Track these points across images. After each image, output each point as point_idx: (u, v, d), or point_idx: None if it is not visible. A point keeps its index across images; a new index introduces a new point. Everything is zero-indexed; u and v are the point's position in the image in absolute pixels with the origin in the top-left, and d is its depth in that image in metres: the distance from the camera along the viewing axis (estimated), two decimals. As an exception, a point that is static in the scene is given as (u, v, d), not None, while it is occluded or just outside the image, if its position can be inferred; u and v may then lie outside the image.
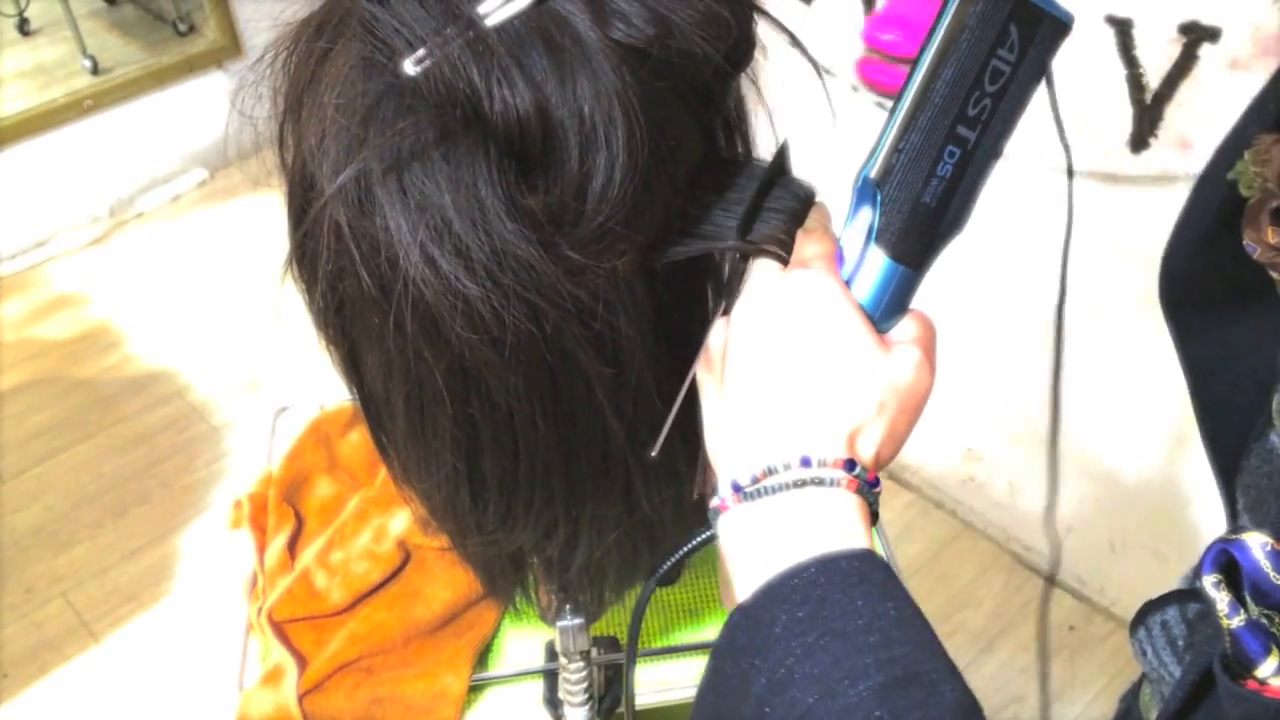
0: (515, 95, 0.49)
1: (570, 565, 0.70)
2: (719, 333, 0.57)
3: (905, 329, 0.57)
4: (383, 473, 1.05)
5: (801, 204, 0.60)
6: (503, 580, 0.77)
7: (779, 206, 0.59)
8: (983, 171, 0.56)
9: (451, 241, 0.49)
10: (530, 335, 0.52)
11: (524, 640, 0.98)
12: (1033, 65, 0.55)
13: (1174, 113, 1.38)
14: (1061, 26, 0.55)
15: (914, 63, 0.56)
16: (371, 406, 0.65)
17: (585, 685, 0.88)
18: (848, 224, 0.58)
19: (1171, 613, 0.70)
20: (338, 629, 0.94)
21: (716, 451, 0.56)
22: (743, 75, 0.61)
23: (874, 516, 0.53)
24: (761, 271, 0.57)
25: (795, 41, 0.64)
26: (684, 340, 0.62)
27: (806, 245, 0.57)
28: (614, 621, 0.98)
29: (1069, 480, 1.86)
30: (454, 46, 0.49)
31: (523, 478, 0.60)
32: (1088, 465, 1.80)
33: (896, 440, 0.55)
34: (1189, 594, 0.70)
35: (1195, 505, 1.80)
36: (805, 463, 0.51)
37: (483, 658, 0.96)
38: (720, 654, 0.51)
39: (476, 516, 0.64)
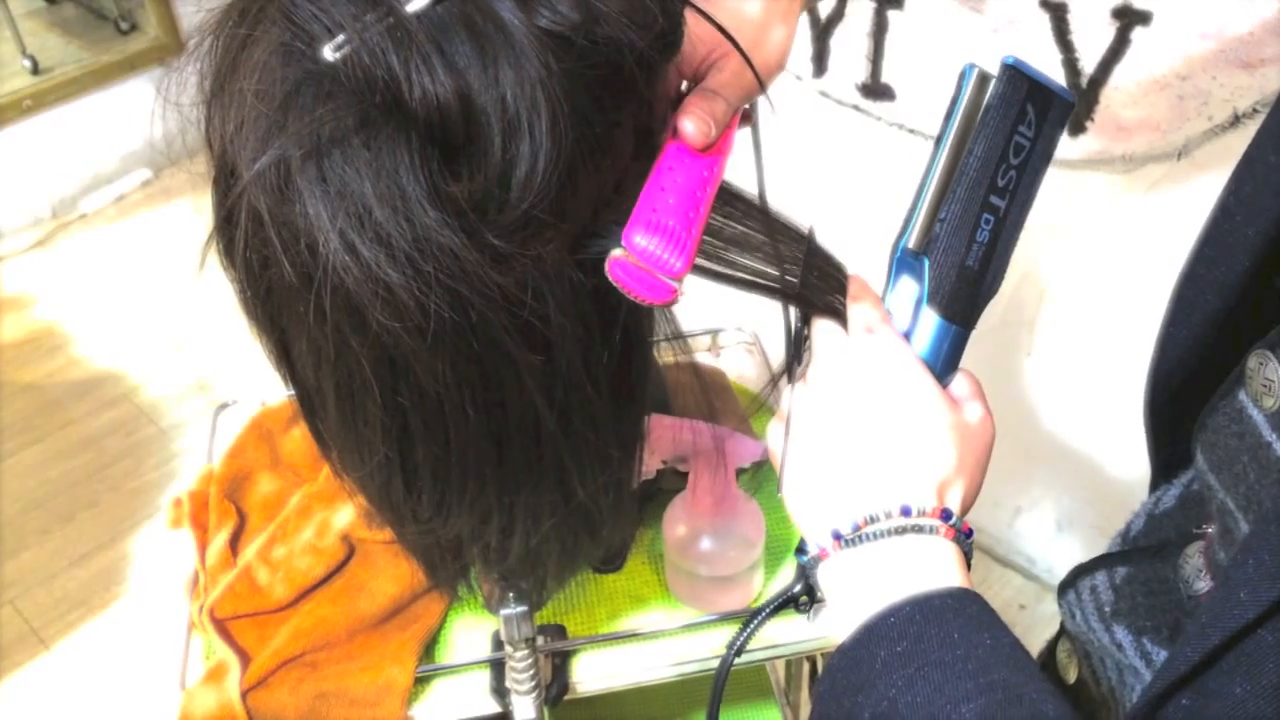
0: (435, 82, 0.49)
1: (508, 553, 0.70)
2: (800, 397, 0.62)
3: (961, 385, 0.62)
4: (326, 468, 1.04)
5: (840, 272, 0.65)
6: (443, 569, 0.77)
7: (822, 270, 0.64)
8: (1013, 235, 0.62)
9: (372, 229, 0.49)
10: (455, 323, 0.52)
11: (471, 631, 0.98)
12: (1047, 140, 0.62)
13: (1109, 96, 1.40)
14: (1069, 105, 0.62)
15: (936, 143, 0.62)
16: (304, 395, 0.65)
17: (532, 674, 0.88)
18: (890, 291, 0.64)
19: (1100, 577, 0.71)
20: (281, 625, 0.93)
21: (806, 505, 0.60)
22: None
23: (968, 564, 0.57)
24: (829, 339, 0.62)
25: (723, 33, 0.64)
26: (616, 327, 0.62)
27: (864, 312, 0.62)
28: (560, 609, 0.98)
29: (1017, 462, 1.89)
30: (373, 33, 0.49)
31: (455, 466, 0.60)
32: (1034, 446, 1.82)
33: (975, 489, 0.59)
34: (1117, 557, 0.71)
35: (1142, 484, 1.83)
36: (905, 512, 0.56)
37: (429, 650, 0.95)
38: (823, 698, 0.55)
39: (411, 505, 0.64)
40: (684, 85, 0.66)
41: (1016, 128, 0.60)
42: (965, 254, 0.61)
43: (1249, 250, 0.60)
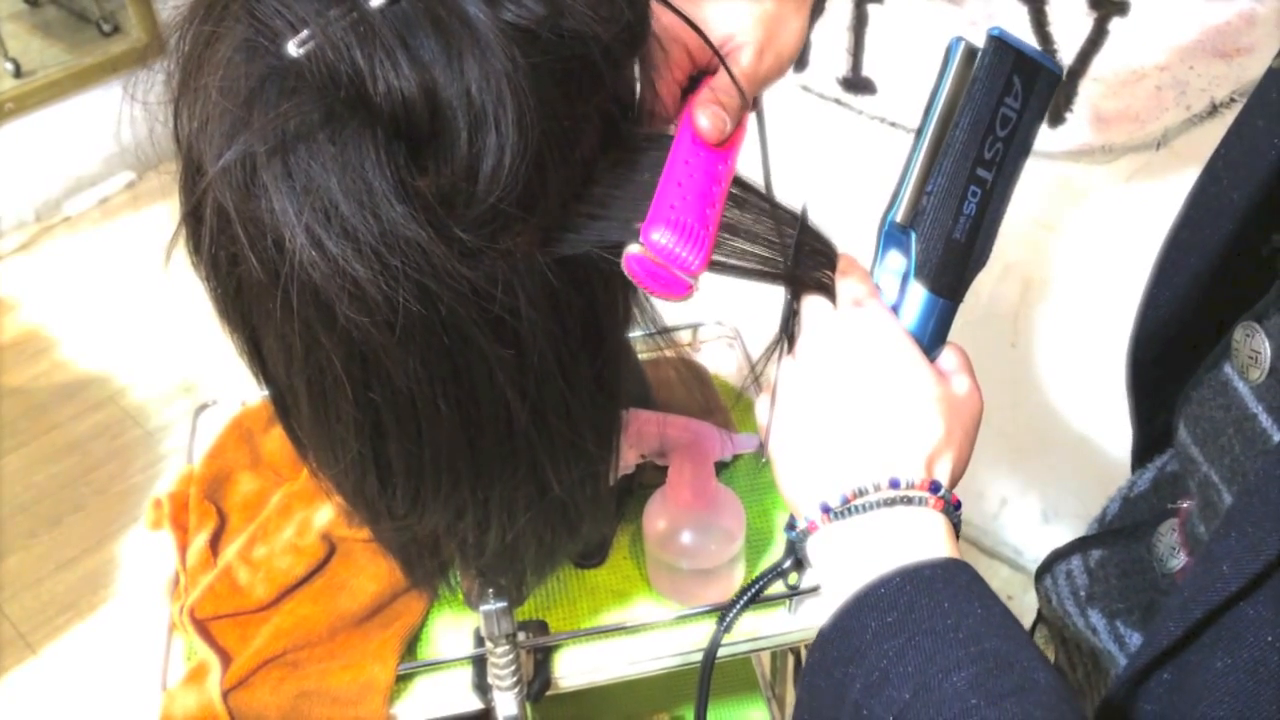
0: (400, 77, 0.49)
1: (485, 549, 0.70)
2: (788, 370, 0.62)
3: (949, 358, 0.62)
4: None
5: (831, 250, 0.65)
6: (420, 566, 0.77)
7: (813, 248, 0.64)
8: (1000, 208, 0.62)
9: (339, 224, 0.49)
10: (424, 318, 0.52)
11: (453, 628, 0.97)
12: (1034, 111, 0.61)
13: (1088, 87, 1.41)
14: (1055, 77, 0.62)
15: (924, 116, 0.61)
16: (277, 394, 0.65)
17: (513, 669, 0.88)
18: (878, 266, 0.63)
19: (1075, 561, 0.71)
20: (262, 624, 0.93)
21: (795, 479, 0.60)
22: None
23: (956, 535, 0.57)
24: (817, 312, 0.62)
25: (694, 28, 0.64)
26: (590, 322, 0.62)
27: (851, 286, 0.62)
28: (541, 605, 0.98)
29: (1003, 452, 1.89)
30: (337, 28, 0.49)
31: (428, 461, 0.60)
32: (1020, 437, 1.83)
33: (964, 461, 0.59)
34: (1092, 540, 0.71)
35: (1125, 474, 1.84)
36: (894, 484, 0.56)
37: (411, 647, 0.95)
38: (813, 670, 0.54)
39: (386, 501, 0.64)
40: (693, 72, 0.67)
41: (1003, 99, 0.60)
42: (952, 227, 0.61)
43: (1233, 215, 0.60)
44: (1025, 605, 1.96)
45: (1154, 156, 1.41)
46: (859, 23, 1.61)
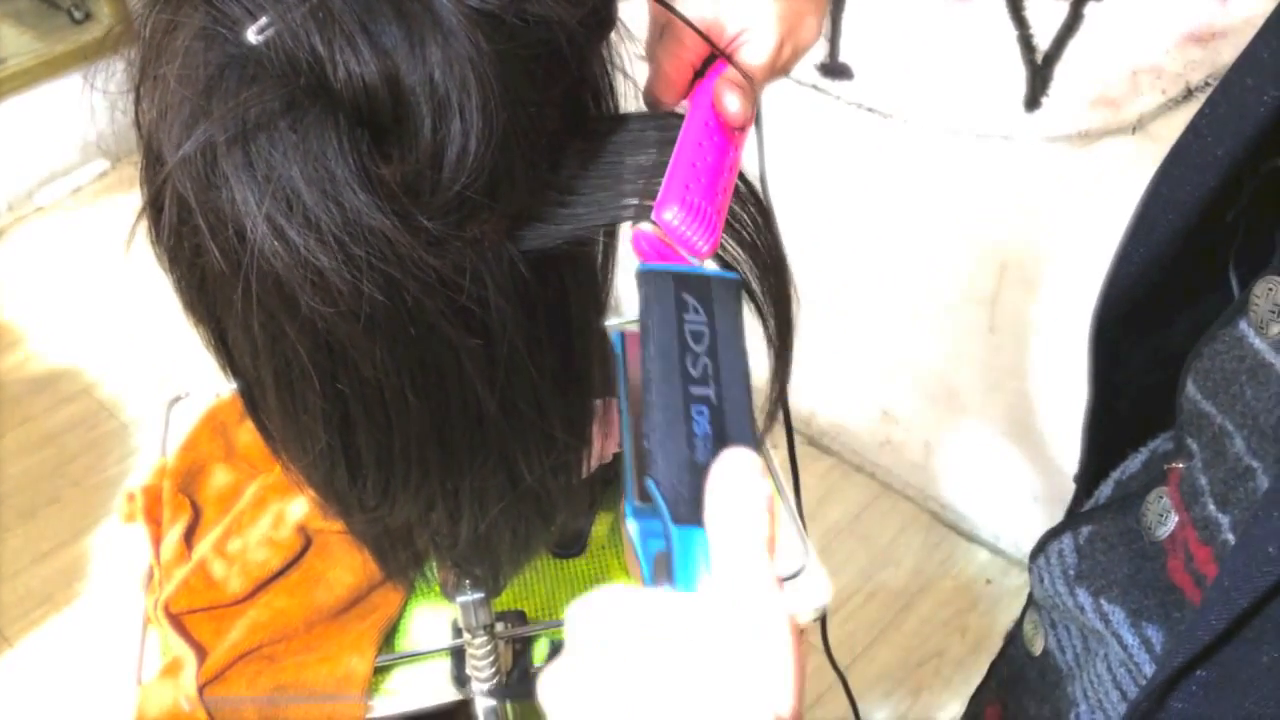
0: (361, 64, 0.48)
1: (458, 539, 0.69)
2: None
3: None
4: (281, 458, 1.03)
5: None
6: (394, 558, 0.76)
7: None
8: (742, 417, 0.52)
9: (301, 213, 0.48)
10: (389, 308, 0.51)
11: (431, 619, 0.97)
12: (726, 319, 0.54)
13: (1064, 72, 1.41)
14: (730, 283, 0.55)
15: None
16: (244, 386, 0.64)
17: (491, 660, 0.88)
18: (641, 556, 0.51)
19: (1066, 540, 0.71)
20: (238, 618, 0.93)
21: None
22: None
23: None
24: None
25: (700, 34, 0.64)
26: (560, 310, 0.61)
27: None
28: (520, 595, 0.98)
29: (982, 437, 1.90)
30: (296, 15, 0.48)
31: (398, 452, 0.60)
32: (999, 422, 1.83)
33: None
34: (1083, 517, 0.71)
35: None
36: None
37: (389, 639, 0.95)
38: None
39: (356, 493, 0.64)
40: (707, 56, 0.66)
41: (682, 317, 0.54)
42: (689, 453, 0.50)
43: (1217, 170, 0.59)
44: (1005, 589, 1.97)
45: (1130, 141, 1.41)
46: (836, 7, 1.60)
